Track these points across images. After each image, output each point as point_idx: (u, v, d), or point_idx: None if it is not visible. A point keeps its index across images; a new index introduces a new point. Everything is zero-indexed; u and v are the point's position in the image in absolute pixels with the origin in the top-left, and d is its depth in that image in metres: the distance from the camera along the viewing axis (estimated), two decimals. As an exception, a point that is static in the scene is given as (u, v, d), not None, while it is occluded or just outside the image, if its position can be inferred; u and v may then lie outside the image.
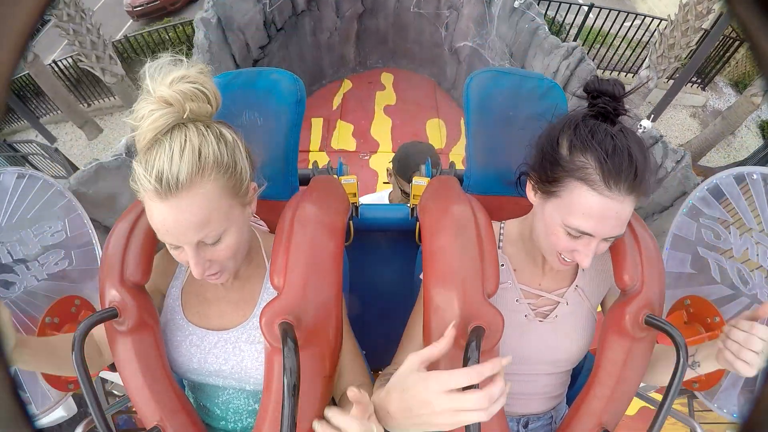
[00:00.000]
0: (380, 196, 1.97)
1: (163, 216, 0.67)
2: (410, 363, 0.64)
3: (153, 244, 0.85)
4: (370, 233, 1.35)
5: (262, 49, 3.34)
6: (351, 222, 1.16)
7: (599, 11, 6.82)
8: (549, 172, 0.77)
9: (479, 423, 0.64)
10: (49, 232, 1.18)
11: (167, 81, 0.67)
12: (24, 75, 7.26)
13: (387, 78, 3.95)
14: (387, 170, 1.80)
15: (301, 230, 0.80)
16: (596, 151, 0.71)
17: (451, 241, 0.79)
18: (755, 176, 1.09)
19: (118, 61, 5.89)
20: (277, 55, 3.54)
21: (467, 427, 0.64)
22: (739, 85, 7.39)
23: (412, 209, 1.22)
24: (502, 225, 0.96)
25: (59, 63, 7.21)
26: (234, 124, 0.99)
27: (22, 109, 6.80)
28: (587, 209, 0.72)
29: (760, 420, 0.30)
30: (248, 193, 0.79)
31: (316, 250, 0.79)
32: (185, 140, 0.67)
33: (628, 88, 0.76)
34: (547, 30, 2.89)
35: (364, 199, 1.93)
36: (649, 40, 6.46)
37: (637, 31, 6.71)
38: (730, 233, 1.14)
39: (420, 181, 1.20)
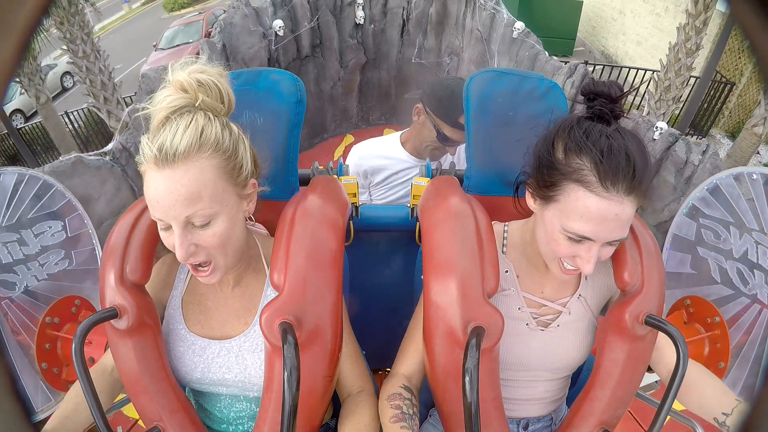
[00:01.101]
0: (390, 140, 1.67)
1: (157, 185, 0.70)
2: None
3: (154, 244, 0.85)
4: (370, 233, 1.35)
5: None
6: (351, 222, 1.16)
7: (593, 69, 7.01)
8: (546, 177, 0.76)
9: (479, 422, 0.64)
10: (49, 232, 1.18)
11: (186, 70, 0.73)
12: (37, 124, 7.38)
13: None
14: (415, 110, 1.54)
15: (301, 230, 0.80)
16: (591, 152, 0.70)
17: (451, 241, 0.79)
18: (755, 176, 1.09)
19: (125, 108, 5.94)
20: None
21: (467, 424, 0.64)
22: (735, 135, 7.46)
23: (412, 209, 1.22)
24: (506, 227, 0.95)
25: (72, 117, 7.39)
26: (234, 124, 0.99)
27: (30, 159, 6.96)
28: (585, 212, 0.71)
29: (760, 420, 0.30)
30: (246, 185, 0.79)
31: (317, 250, 0.79)
32: (192, 120, 0.72)
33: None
34: (546, 54, 2.89)
35: (367, 146, 1.67)
36: (645, 92, 6.48)
37: (629, 90, 6.78)
38: (730, 233, 1.14)
39: (420, 181, 1.20)
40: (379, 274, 1.37)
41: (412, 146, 1.62)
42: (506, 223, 0.96)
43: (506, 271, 0.89)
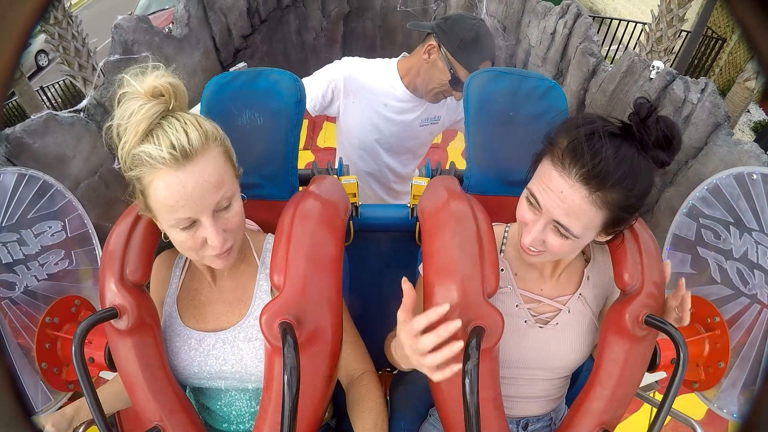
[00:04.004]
0: (387, 67, 1.48)
1: (183, 183, 0.70)
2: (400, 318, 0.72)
3: (153, 244, 0.85)
4: (370, 233, 1.34)
5: (245, 39, 3.23)
6: (351, 222, 1.16)
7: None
8: (541, 149, 0.81)
9: (479, 422, 0.64)
10: (49, 232, 1.18)
11: (152, 76, 0.72)
12: (12, 103, 7.19)
13: None
14: (427, 47, 1.37)
15: (301, 230, 0.80)
16: (572, 136, 0.74)
17: (451, 241, 0.79)
18: (755, 176, 1.09)
19: (102, 75, 5.84)
20: (261, 49, 3.37)
21: (467, 424, 0.64)
22: (725, 93, 7.42)
23: (412, 209, 1.22)
24: (507, 228, 0.95)
25: (49, 93, 7.25)
26: (234, 124, 0.99)
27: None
28: (542, 177, 0.76)
29: (760, 420, 0.30)
30: (237, 168, 0.83)
31: (317, 250, 0.79)
32: (184, 119, 0.73)
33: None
34: None
35: (359, 62, 1.49)
36: (635, 45, 6.40)
37: (616, 51, 6.66)
38: (730, 233, 1.14)
39: (420, 181, 1.20)
40: (379, 274, 1.37)
41: (411, 82, 1.45)
42: (509, 224, 0.96)
43: (501, 270, 0.89)
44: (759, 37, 0.27)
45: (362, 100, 1.49)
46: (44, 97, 7.21)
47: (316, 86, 1.46)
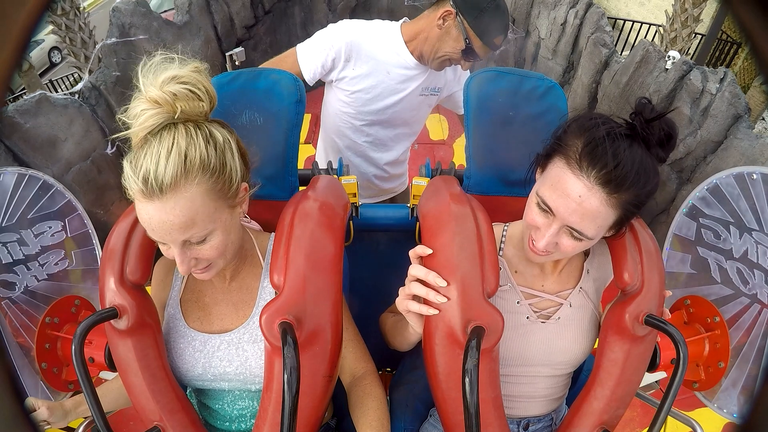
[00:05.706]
0: (390, 31, 1.43)
1: (150, 215, 0.69)
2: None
3: (153, 244, 0.85)
4: (370, 233, 1.34)
5: (248, 30, 3.17)
6: (351, 222, 1.16)
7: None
8: (549, 148, 0.80)
9: (479, 422, 0.64)
10: (49, 232, 1.18)
11: (158, 81, 0.68)
12: (23, 97, 7.33)
13: None
14: (443, 13, 1.31)
15: (301, 230, 0.80)
16: (589, 138, 0.73)
17: (451, 241, 0.79)
18: (755, 176, 1.09)
19: (99, 59, 5.86)
20: (264, 40, 3.31)
21: (467, 424, 0.64)
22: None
23: (412, 209, 1.22)
24: (506, 228, 0.96)
25: (60, 88, 7.28)
26: (234, 124, 0.99)
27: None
28: (555, 181, 0.75)
29: (760, 420, 0.30)
30: (238, 195, 0.78)
31: (317, 250, 0.79)
32: (173, 143, 0.68)
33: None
34: None
35: (362, 25, 1.42)
36: (651, 42, 6.40)
37: (630, 51, 6.65)
38: (730, 233, 1.14)
39: (420, 181, 1.20)
40: (379, 273, 1.37)
41: (417, 48, 1.40)
42: (507, 224, 0.96)
43: (499, 268, 0.90)
44: (759, 37, 0.27)
45: (364, 67, 1.42)
46: (54, 92, 7.29)
47: (315, 55, 1.40)
